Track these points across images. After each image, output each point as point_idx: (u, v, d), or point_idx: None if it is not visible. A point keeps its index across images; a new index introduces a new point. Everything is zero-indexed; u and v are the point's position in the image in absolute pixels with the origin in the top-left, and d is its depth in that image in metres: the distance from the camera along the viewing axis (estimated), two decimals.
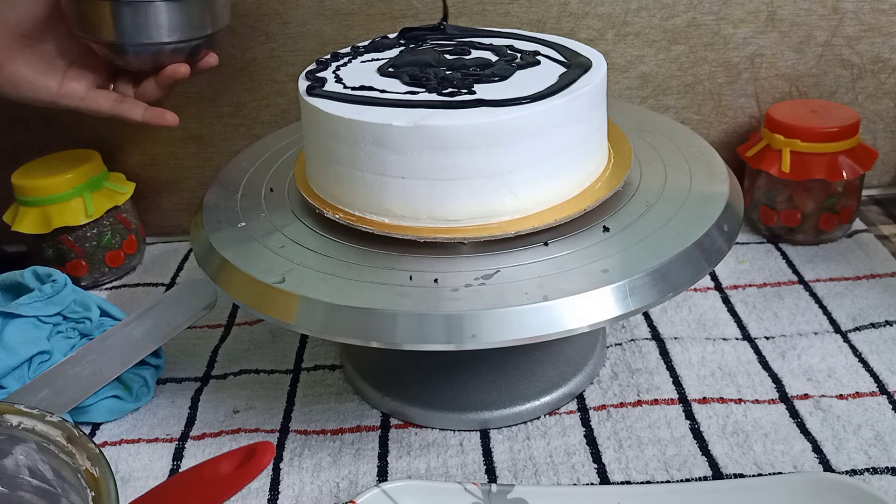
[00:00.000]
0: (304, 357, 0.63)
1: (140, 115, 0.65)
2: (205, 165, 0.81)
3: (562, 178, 0.50)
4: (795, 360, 0.58)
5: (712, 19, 0.75)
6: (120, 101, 0.66)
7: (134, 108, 0.66)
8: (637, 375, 0.58)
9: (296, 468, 0.52)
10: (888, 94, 0.78)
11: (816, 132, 0.68)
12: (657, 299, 0.45)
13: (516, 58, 0.54)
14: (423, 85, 0.51)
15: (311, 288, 0.46)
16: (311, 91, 0.52)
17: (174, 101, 0.77)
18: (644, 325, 0.63)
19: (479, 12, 0.74)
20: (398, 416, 0.56)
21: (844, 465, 0.49)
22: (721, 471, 0.49)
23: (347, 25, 0.75)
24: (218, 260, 0.51)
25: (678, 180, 0.54)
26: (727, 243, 0.50)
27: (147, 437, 0.56)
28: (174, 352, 0.64)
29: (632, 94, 0.78)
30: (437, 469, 0.52)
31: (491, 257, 0.48)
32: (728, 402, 0.55)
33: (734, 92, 0.78)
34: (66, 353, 0.56)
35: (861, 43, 0.76)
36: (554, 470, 0.51)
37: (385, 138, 0.47)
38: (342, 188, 0.51)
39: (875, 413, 0.53)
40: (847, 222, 0.72)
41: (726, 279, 0.68)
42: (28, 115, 0.77)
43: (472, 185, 0.48)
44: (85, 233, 0.73)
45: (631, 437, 0.52)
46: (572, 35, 0.75)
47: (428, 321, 0.44)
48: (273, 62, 0.76)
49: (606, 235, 0.49)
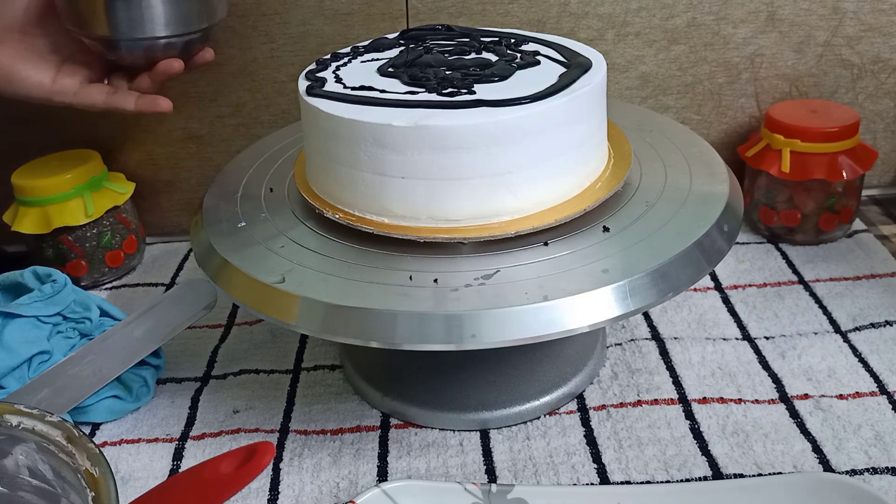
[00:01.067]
0: (304, 357, 0.63)
1: (133, 104, 0.65)
2: (205, 165, 0.81)
3: (562, 178, 0.50)
4: (795, 360, 0.58)
5: (712, 19, 0.75)
6: (112, 93, 0.65)
7: (126, 98, 0.65)
8: (637, 375, 0.58)
9: (296, 468, 0.52)
10: (888, 94, 0.78)
11: (816, 132, 0.68)
12: (657, 299, 0.45)
13: (516, 58, 0.54)
14: (423, 85, 0.51)
15: (311, 288, 0.46)
16: (310, 91, 0.52)
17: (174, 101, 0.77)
18: (644, 325, 0.63)
19: (479, 12, 0.74)
20: (398, 416, 0.56)
21: (844, 465, 0.49)
22: (721, 471, 0.49)
23: (347, 25, 0.75)
24: (218, 260, 0.51)
25: (678, 180, 0.54)
26: (727, 243, 0.50)
27: (147, 437, 0.56)
28: (174, 352, 0.64)
29: (632, 94, 0.78)
30: (437, 469, 0.52)
31: (491, 257, 0.48)
32: (728, 402, 0.55)
33: (734, 92, 0.78)
34: (66, 353, 0.56)
35: (861, 43, 0.76)
36: (554, 470, 0.51)
37: (385, 138, 0.47)
38: (342, 188, 0.51)
39: (875, 413, 0.53)
40: (847, 222, 0.72)
41: (726, 279, 0.68)
42: (28, 114, 0.77)
43: (472, 185, 0.48)
44: (85, 233, 0.73)
45: (631, 437, 0.52)
46: (572, 35, 0.75)
47: (428, 321, 0.44)
48: (273, 62, 0.76)
49: (606, 235, 0.49)
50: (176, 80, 0.76)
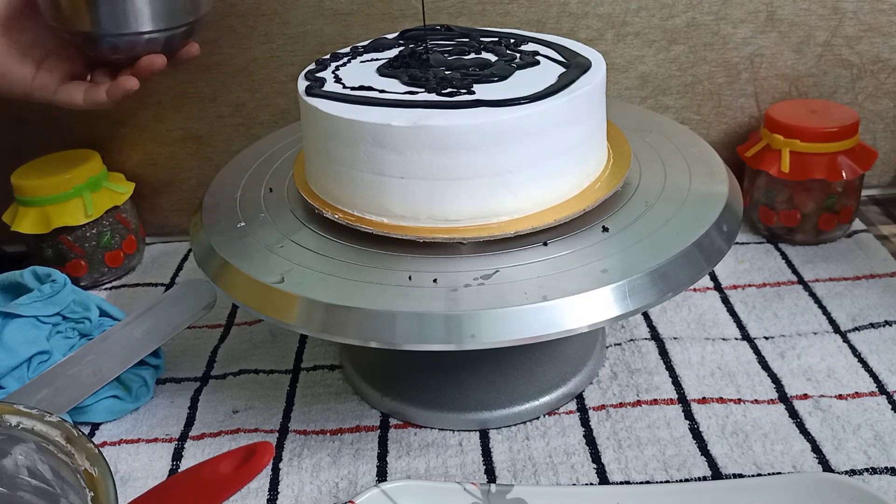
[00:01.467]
0: (303, 357, 0.63)
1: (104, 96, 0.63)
2: (204, 165, 0.81)
3: (561, 178, 0.50)
4: (795, 360, 0.58)
5: (712, 19, 0.75)
6: (92, 88, 0.64)
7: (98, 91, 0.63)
8: (636, 375, 0.58)
9: (295, 468, 0.52)
10: (888, 94, 0.78)
11: (816, 132, 0.68)
12: (656, 299, 0.45)
13: (515, 58, 0.54)
14: (423, 85, 0.50)
15: (311, 288, 0.46)
16: (310, 91, 0.52)
17: (174, 101, 0.78)
18: (643, 325, 0.63)
19: (478, 12, 0.74)
20: (397, 416, 0.56)
21: (844, 465, 0.49)
22: (720, 471, 0.49)
23: (347, 25, 0.75)
24: (217, 260, 0.51)
25: (677, 180, 0.54)
26: (726, 243, 0.50)
27: (146, 438, 0.56)
28: (174, 352, 0.64)
29: (631, 94, 0.78)
30: (436, 469, 0.52)
31: (490, 257, 0.48)
32: (727, 402, 0.55)
33: (734, 92, 0.78)
34: (66, 353, 0.56)
35: (861, 43, 0.76)
36: (553, 470, 0.51)
37: (384, 138, 0.47)
38: (341, 188, 0.51)
39: (874, 413, 0.53)
40: (847, 222, 0.72)
41: (726, 279, 0.68)
42: (28, 114, 0.77)
43: (471, 185, 0.48)
44: (84, 233, 0.73)
45: (630, 438, 0.52)
46: (572, 35, 0.75)
47: (427, 321, 0.44)
48: (273, 62, 0.76)
49: (606, 235, 0.49)
50: (174, 79, 0.76)
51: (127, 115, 0.78)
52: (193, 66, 0.76)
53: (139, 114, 0.78)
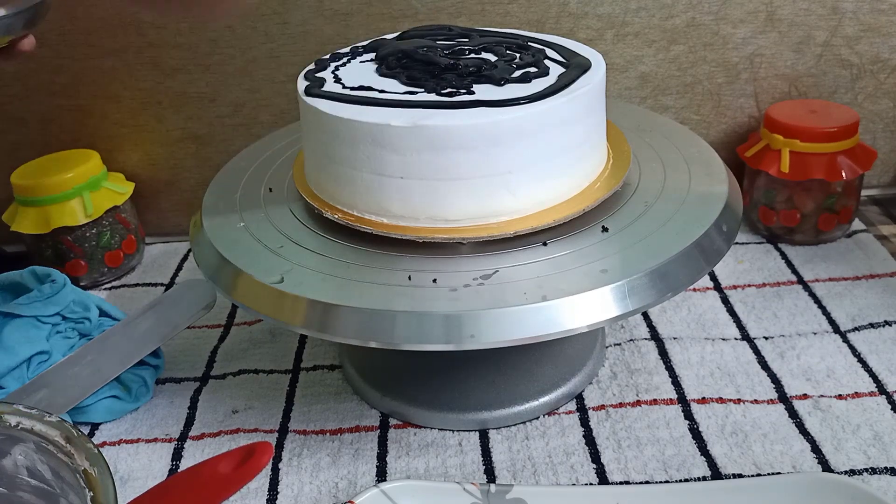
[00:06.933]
0: (303, 357, 0.63)
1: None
2: (204, 165, 0.81)
3: (561, 178, 0.50)
4: (794, 360, 0.58)
5: (711, 19, 0.75)
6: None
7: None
8: (636, 375, 0.58)
9: (295, 468, 0.52)
10: (887, 94, 0.78)
11: (816, 132, 0.68)
12: (656, 299, 0.45)
13: (515, 58, 0.54)
14: (422, 85, 0.50)
15: (310, 288, 0.46)
16: (310, 91, 0.52)
17: (173, 101, 0.78)
18: (643, 325, 0.63)
19: (478, 12, 0.75)
20: (397, 416, 0.56)
21: (843, 465, 0.49)
22: (720, 471, 0.49)
23: (347, 25, 0.75)
24: (217, 260, 0.51)
25: (677, 180, 0.54)
26: (726, 243, 0.50)
27: (146, 437, 0.56)
28: (173, 352, 0.64)
29: (631, 94, 0.78)
30: (435, 469, 0.52)
31: (490, 257, 0.48)
32: (727, 402, 0.55)
33: (733, 92, 0.78)
34: (65, 353, 0.56)
35: (860, 43, 0.76)
36: (553, 470, 0.51)
37: (384, 138, 0.47)
38: (341, 188, 0.51)
39: (874, 413, 0.53)
40: (846, 222, 0.72)
41: (725, 279, 0.68)
42: (27, 114, 0.77)
43: (470, 186, 0.48)
44: (84, 233, 0.73)
45: (630, 438, 0.52)
46: (571, 35, 0.75)
47: (427, 321, 0.44)
48: (273, 62, 0.76)
49: (605, 235, 0.49)
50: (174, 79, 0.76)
51: (127, 115, 0.78)
52: (193, 67, 0.76)
53: (139, 114, 0.78)
